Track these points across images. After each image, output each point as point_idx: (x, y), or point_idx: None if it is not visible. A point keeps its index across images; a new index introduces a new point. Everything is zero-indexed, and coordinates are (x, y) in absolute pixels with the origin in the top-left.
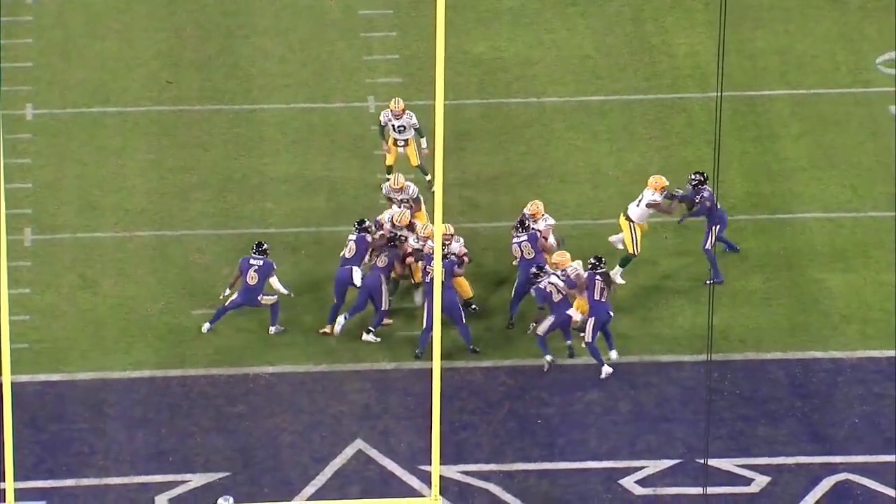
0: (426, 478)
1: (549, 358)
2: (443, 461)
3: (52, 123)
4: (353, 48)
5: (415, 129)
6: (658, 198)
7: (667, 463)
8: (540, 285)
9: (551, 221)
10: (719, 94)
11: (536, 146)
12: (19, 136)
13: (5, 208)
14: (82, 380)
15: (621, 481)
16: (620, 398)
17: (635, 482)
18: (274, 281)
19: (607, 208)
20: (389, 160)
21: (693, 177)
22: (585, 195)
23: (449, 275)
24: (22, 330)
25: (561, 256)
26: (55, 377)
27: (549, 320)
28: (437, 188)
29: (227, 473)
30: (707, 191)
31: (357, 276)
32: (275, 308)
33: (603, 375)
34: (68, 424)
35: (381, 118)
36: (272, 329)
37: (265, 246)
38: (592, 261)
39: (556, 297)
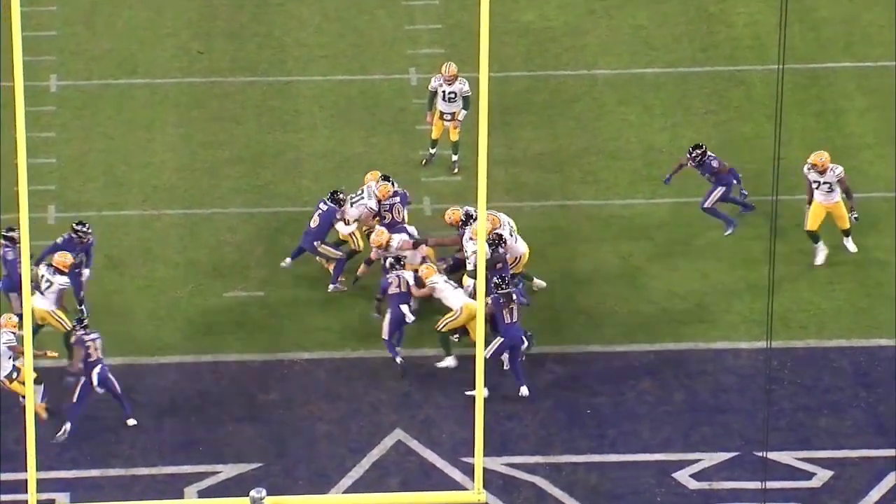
0: (469, 470)
1: (398, 360)
2: (487, 453)
3: (77, 95)
4: (393, 17)
5: (463, 99)
6: (820, 178)
7: (723, 456)
8: (388, 275)
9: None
10: (781, 66)
11: (586, 121)
12: (43, 108)
13: (28, 185)
14: (108, 365)
15: (675, 475)
16: (674, 387)
17: (690, 476)
18: (341, 226)
19: (660, 187)
20: (435, 133)
21: (693, 152)
22: (638, 173)
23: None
24: None
25: (379, 235)
26: None
27: (387, 318)
28: (481, 165)
29: (259, 464)
30: (714, 159)
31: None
32: (338, 266)
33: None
34: (93, 412)
35: (432, 83)
36: (331, 287)
37: (340, 194)
38: (496, 280)
39: (392, 290)
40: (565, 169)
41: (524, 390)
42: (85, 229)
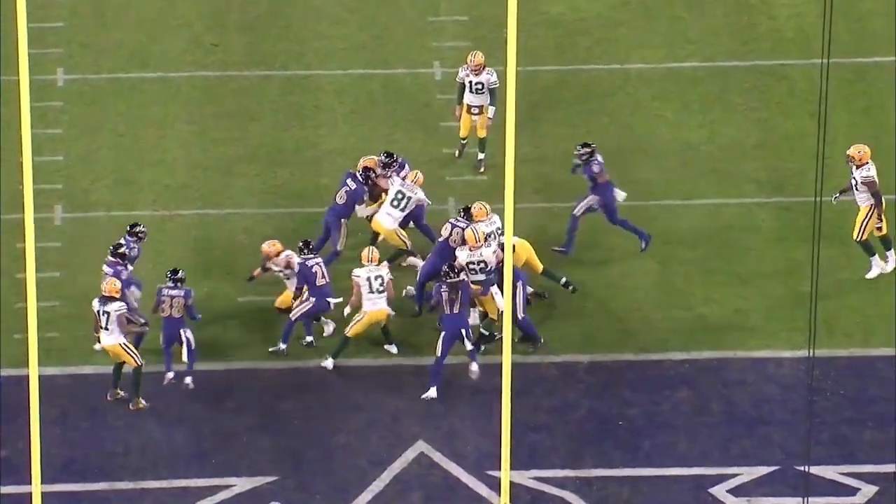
0: (495, 484)
1: (282, 346)
2: (513, 466)
3: (86, 90)
4: (417, 8)
5: (490, 92)
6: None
7: (763, 470)
8: (308, 262)
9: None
10: (825, 60)
11: (620, 118)
12: (49, 103)
13: (33, 184)
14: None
15: (712, 490)
16: (712, 398)
17: (727, 491)
18: (361, 209)
19: (697, 187)
20: (463, 131)
21: (581, 150)
22: (674, 172)
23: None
24: (51, 317)
25: (271, 246)
26: (87, 370)
27: (308, 304)
28: (509, 163)
29: (275, 477)
30: (598, 163)
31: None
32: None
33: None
34: (100, 421)
35: (459, 74)
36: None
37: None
38: (445, 269)
39: (320, 282)
40: None
41: (474, 367)
42: (142, 228)
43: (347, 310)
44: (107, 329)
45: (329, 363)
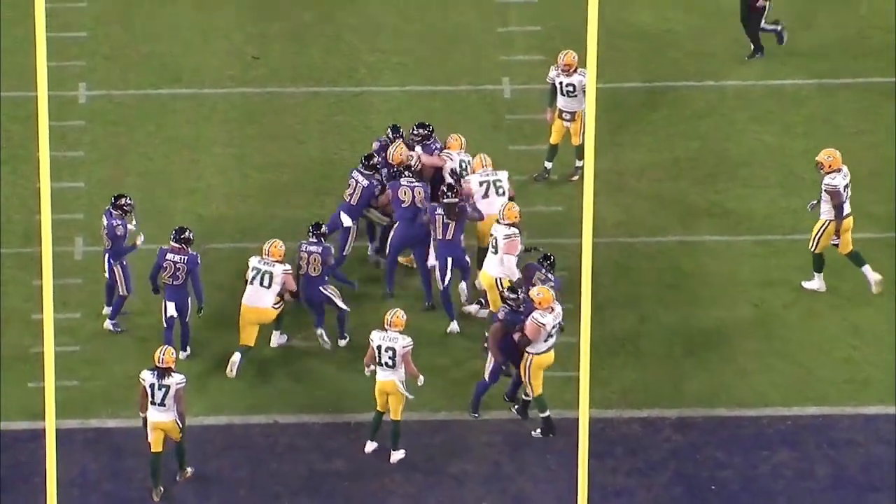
0: None
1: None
2: None
3: (110, 108)
4: (484, 17)
5: (584, 95)
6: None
7: None
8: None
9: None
10: None
11: (713, 141)
12: (70, 123)
13: (51, 213)
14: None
15: None
16: (817, 459)
17: None
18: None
19: (802, 220)
20: (554, 137)
21: (416, 131)
22: (775, 204)
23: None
24: (70, 364)
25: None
26: (110, 423)
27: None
28: (587, 193)
29: None
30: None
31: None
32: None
33: (449, 330)
34: (125, 483)
35: (550, 74)
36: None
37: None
38: (443, 188)
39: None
40: (688, 198)
41: (453, 326)
42: (127, 200)
43: (367, 371)
44: (163, 405)
45: (395, 456)
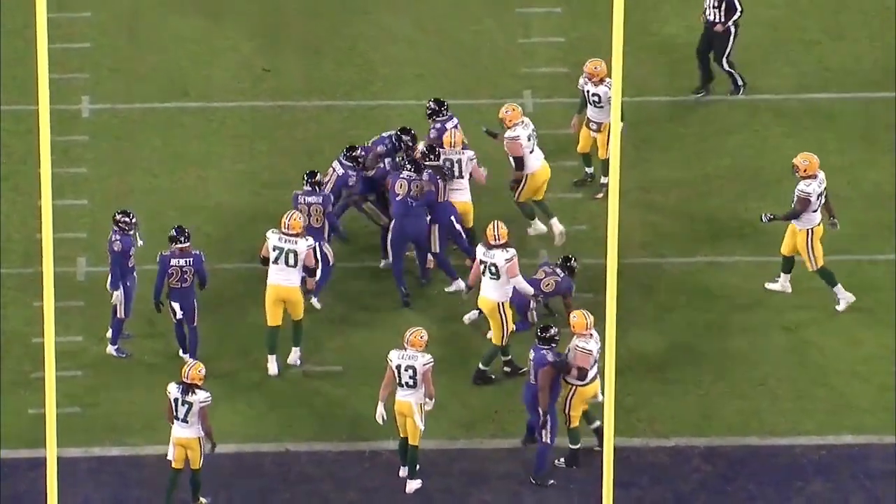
0: None
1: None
2: None
3: (115, 122)
4: (505, 28)
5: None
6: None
7: None
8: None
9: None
10: None
11: (744, 158)
12: (72, 137)
13: (53, 232)
14: (149, 455)
15: None
16: (852, 491)
17: None
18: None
19: (837, 241)
20: (581, 145)
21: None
22: None
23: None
24: (72, 390)
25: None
26: (114, 451)
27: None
28: (612, 211)
29: None
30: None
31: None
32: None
33: (452, 288)
34: None
35: (580, 81)
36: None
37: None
38: (423, 150)
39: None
40: (717, 216)
41: (459, 285)
42: (125, 218)
43: (381, 396)
44: (185, 421)
45: (412, 485)
